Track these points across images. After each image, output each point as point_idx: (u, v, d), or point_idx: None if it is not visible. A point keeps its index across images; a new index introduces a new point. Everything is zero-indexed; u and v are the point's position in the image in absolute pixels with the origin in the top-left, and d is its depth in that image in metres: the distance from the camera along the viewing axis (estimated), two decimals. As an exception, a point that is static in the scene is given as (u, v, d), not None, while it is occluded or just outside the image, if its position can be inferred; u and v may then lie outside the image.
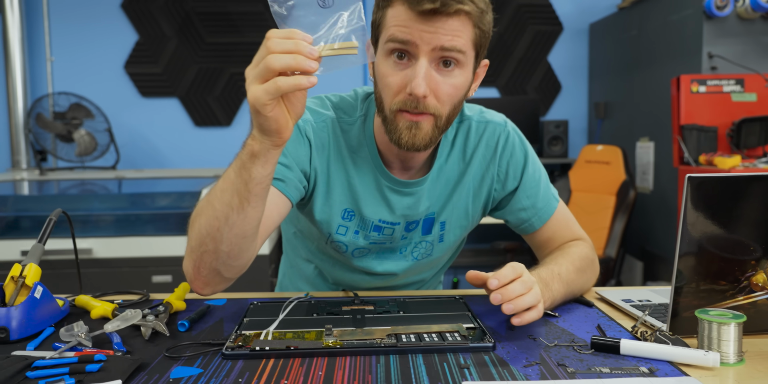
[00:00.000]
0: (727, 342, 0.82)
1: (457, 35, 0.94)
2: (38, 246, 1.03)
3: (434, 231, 1.19)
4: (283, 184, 1.05)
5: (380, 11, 0.99)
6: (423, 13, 0.92)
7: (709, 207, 0.88)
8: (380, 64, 0.99)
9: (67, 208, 1.12)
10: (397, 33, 0.95)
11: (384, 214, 1.14)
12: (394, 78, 0.97)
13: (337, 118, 1.13)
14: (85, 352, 0.84)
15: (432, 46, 0.94)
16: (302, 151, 1.08)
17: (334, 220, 1.14)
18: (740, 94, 2.69)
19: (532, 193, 1.19)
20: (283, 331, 0.94)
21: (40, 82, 3.80)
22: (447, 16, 0.93)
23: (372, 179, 1.12)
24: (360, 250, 1.19)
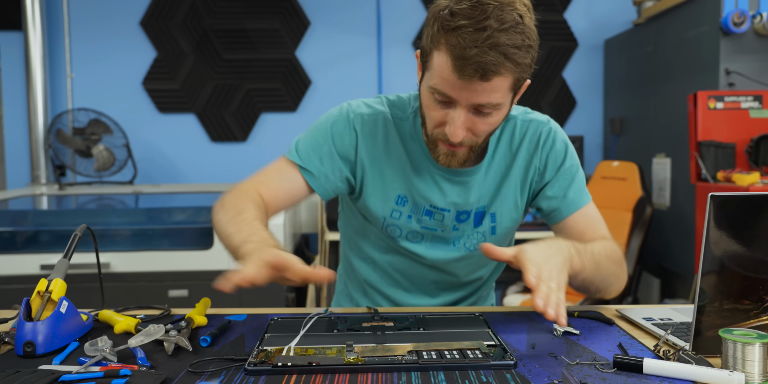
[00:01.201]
0: (751, 362, 0.81)
1: (495, 92, 1.00)
2: (64, 261, 1.04)
3: (485, 222, 1.25)
4: (311, 176, 1.19)
5: (429, 45, 1.02)
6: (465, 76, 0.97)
7: (732, 225, 0.88)
8: (424, 94, 1.08)
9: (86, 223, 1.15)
10: (439, 86, 1.01)
11: (435, 200, 1.21)
12: (436, 113, 1.06)
13: (391, 114, 1.22)
14: (110, 366, 0.85)
15: (470, 103, 1.01)
16: (347, 141, 1.20)
17: (388, 205, 1.23)
18: (758, 110, 2.68)
19: (566, 184, 1.23)
20: (304, 346, 0.94)
21: (60, 99, 3.87)
22: (487, 81, 0.98)
23: (425, 167, 1.21)
24: (413, 233, 1.25)
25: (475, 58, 0.94)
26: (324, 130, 1.21)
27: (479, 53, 0.94)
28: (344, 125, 1.20)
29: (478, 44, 0.94)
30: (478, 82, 0.97)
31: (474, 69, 0.95)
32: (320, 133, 1.21)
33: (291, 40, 3.91)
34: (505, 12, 0.95)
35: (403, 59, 3.97)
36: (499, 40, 0.94)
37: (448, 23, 0.96)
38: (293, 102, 3.93)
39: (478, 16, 0.94)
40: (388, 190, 1.22)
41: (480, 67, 0.95)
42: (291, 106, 3.93)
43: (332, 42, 3.96)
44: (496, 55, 0.94)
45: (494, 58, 0.94)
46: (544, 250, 0.98)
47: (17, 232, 3.10)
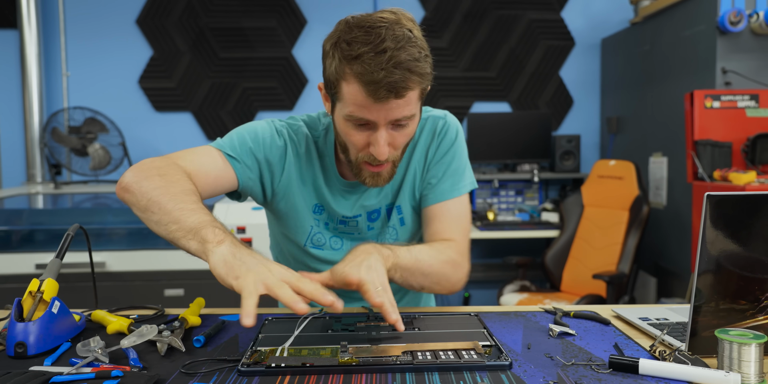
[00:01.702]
0: (747, 363, 0.81)
1: (408, 105, 1.05)
2: (56, 261, 1.04)
3: (393, 216, 1.31)
4: (239, 165, 1.18)
5: (335, 76, 1.05)
6: (379, 98, 1.01)
7: (729, 225, 0.88)
8: (341, 123, 1.11)
9: (81, 222, 1.14)
10: (356, 113, 1.06)
11: (345, 211, 1.28)
12: (357, 138, 1.10)
13: (309, 131, 1.28)
14: (102, 367, 0.84)
15: (389, 119, 1.06)
16: (275, 150, 1.22)
17: (308, 214, 1.28)
18: (755, 109, 2.68)
19: (440, 172, 1.27)
20: (298, 347, 0.94)
21: (55, 97, 3.85)
22: (400, 98, 1.03)
23: (333, 183, 1.27)
24: (334, 239, 1.31)
25: (385, 79, 0.99)
26: (253, 132, 1.22)
27: (387, 75, 0.99)
28: (273, 133, 1.23)
29: (383, 66, 0.99)
30: (393, 101, 1.02)
31: (387, 90, 1.00)
32: (249, 133, 1.21)
33: (288, 39, 3.90)
34: (396, 30, 1.01)
35: (399, 58, 3.96)
36: (400, 57, 0.99)
37: (349, 53, 1.01)
38: (290, 101, 3.92)
39: (374, 40, 1.00)
40: (308, 198, 1.27)
41: (392, 87, 1.00)
42: (288, 105, 3.92)
43: (329, 40, 3.95)
44: (402, 72, 1.00)
45: (401, 75, 1.00)
46: (351, 258, 1.01)
47: (12, 232, 3.09)
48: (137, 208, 1.04)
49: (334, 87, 1.07)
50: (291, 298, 0.84)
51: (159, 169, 1.07)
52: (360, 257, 1.01)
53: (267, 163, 1.22)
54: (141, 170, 1.08)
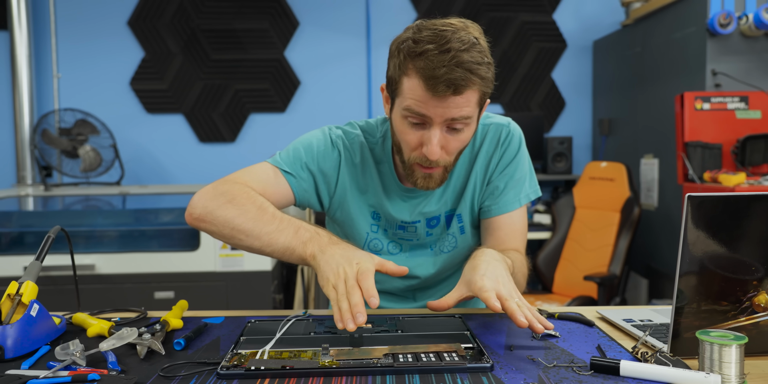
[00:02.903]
0: (728, 364, 0.80)
1: (465, 106, 1.07)
2: (36, 263, 1.03)
3: (453, 224, 1.31)
4: (294, 180, 1.22)
5: (398, 73, 1.09)
6: (437, 92, 1.04)
7: (710, 226, 0.88)
8: (397, 120, 1.13)
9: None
10: (413, 106, 1.07)
11: (404, 216, 1.29)
12: (412, 136, 1.12)
13: (365, 137, 1.29)
14: (79, 371, 0.84)
15: (444, 118, 1.07)
16: (331, 159, 1.26)
17: (366, 220, 1.30)
18: (745, 111, 2.68)
19: (503, 183, 1.28)
20: (279, 350, 0.93)
21: (46, 99, 3.83)
22: (459, 95, 1.05)
23: (392, 189, 1.28)
24: (393, 244, 1.32)
25: (445, 75, 1.02)
26: (308, 145, 1.25)
27: (448, 71, 1.02)
28: (328, 145, 1.26)
29: (445, 64, 1.02)
30: (451, 97, 1.04)
31: (446, 85, 1.02)
32: (304, 146, 1.25)
33: (280, 41, 3.89)
34: (462, 35, 1.04)
35: (392, 60, 3.96)
36: (463, 58, 1.02)
37: (414, 50, 1.05)
38: (282, 102, 3.92)
39: (440, 40, 1.03)
40: (366, 206, 1.29)
41: (451, 83, 1.02)
42: (280, 107, 3.92)
43: (321, 42, 3.95)
44: (462, 72, 1.02)
45: (462, 74, 1.02)
46: (487, 269, 1.03)
47: (1, 234, 3.08)
48: (221, 236, 1.10)
49: (395, 83, 1.10)
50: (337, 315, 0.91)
51: (226, 195, 1.11)
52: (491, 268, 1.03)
53: (322, 174, 1.25)
54: (210, 198, 1.11)
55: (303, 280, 3.27)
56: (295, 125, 3.93)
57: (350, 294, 0.92)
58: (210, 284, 2.78)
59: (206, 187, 1.15)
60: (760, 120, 2.69)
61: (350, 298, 0.91)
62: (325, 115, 3.92)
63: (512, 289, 1.00)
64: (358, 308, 0.90)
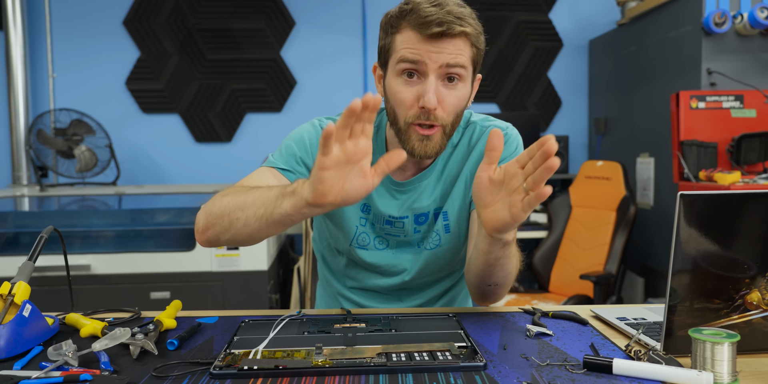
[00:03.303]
0: (720, 362, 0.80)
1: (459, 53, 1.09)
2: (28, 264, 1.02)
3: (438, 221, 1.28)
4: (293, 176, 1.20)
5: (389, 37, 1.14)
6: (430, 36, 1.07)
7: (703, 224, 0.88)
8: (391, 82, 1.14)
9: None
10: (407, 54, 1.09)
11: (392, 211, 1.27)
12: (407, 94, 1.11)
13: None
14: (71, 371, 0.84)
15: (439, 64, 1.08)
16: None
17: (356, 213, 1.28)
18: (740, 110, 2.69)
19: None
20: (272, 349, 0.93)
21: (41, 99, 3.83)
22: (451, 38, 1.07)
23: (384, 181, 1.25)
24: (380, 239, 1.30)
25: (437, 18, 1.05)
26: (299, 139, 1.24)
27: (439, 16, 1.05)
28: (318, 135, 1.23)
29: (435, 12, 1.06)
30: (445, 40, 1.07)
31: (437, 24, 1.05)
32: (295, 141, 1.24)
33: (276, 40, 3.89)
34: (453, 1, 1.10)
35: (388, 59, 3.96)
36: (454, 9, 1.07)
37: (404, 9, 1.10)
38: (278, 102, 3.91)
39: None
40: None
41: (443, 22, 1.05)
42: (276, 107, 3.91)
43: (317, 42, 3.95)
44: (453, 18, 1.06)
45: (453, 19, 1.06)
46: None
47: (-3, 234, 3.07)
48: (224, 230, 1.03)
49: (387, 48, 1.14)
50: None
51: (221, 194, 1.09)
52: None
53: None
54: (207, 206, 1.08)
55: (299, 279, 3.27)
56: (292, 125, 3.91)
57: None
58: (206, 284, 2.78)
59: (204, 204, 1.13)
60: (755, 119, 2.69)
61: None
62: (321, 114, 3.86)
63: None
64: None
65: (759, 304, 0.90)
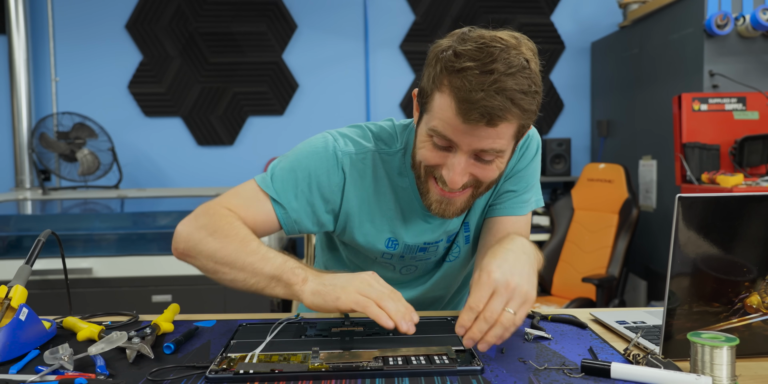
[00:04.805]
0: (719, 366, 0.80)
1: (499, 138, 0.95)
2: (25, 267, 1.02)
3: (460, 234, 1.23)
4: (282, 211, 1.10)
5: (431, 86, 0.97)
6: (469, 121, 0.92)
7: (702, 227, 0.87)
8: (422, 136, 1.01)
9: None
10: (440, 128, 0.95)
11: (428, 237, 1.18)
12: (433, 155, 1.00)
13: (377, 150, 1.14)
14: (66, 375, 0.83)
15: (473, 148, 0.96)
16: (334, 182, 1.11)
17: (378, 248, 1.18)
18: (742, 112, 2.68)
19: (519, 189, 1.19)
20: (269, 353, 0.93)
21: (44, 102, 3.84)
22: (493, 126, 0.93)
23: (413, 207, 1.15)
24: (407, 268, 1.24)
25: (482, 101, 0.89)
26: (306, 166, 1.10)
27: (485, 97, 0.89)
28: (331, 165, 1.10)
29: (484, 88, 0.89)
30: (483, 128, 0.92)
31: (480, 114, 0.90)
32: (301, 167, 1.10)
33: (278, 44, 3.89)
34: (512, 55, 0.91)
35: (390, 62, 3.96)
36: (506, 84, 0.89)
37: (453, 64, 0.91)
38: (280, 105, 3.92)
39: (485, 58, 0.90)
40: (378, 233, 1.16)
41: (486, 112, 0.90)
42: (278, 110, 3.92)
43: (319, 45, 3.95)
44: (502, 100, 0.89)
45: (501, 103, 0.89)
46: (505, 258, 0.94)
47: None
48: (205, 270, 1.04)
49: (427, 96, 0.97)
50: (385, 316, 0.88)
51: (207, 227, 1.04)
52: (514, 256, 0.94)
53: (323, 200, 1.11)
54: (192, 231, 1.05)
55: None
56: (294, 128, 3.93)
57: (393, 299, 0.89)
58: (208, 288, 2.78)
59: (189, 217, 1.07)
60: (757, 121, 2.68)
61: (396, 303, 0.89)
62: (323, 117, 3.92)
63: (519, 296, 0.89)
64: (411, 310, 0.89)
65: (759, 307, 0.90)
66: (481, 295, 0.89)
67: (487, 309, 0.88)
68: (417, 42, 3.94)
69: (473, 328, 0.88)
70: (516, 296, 0.89)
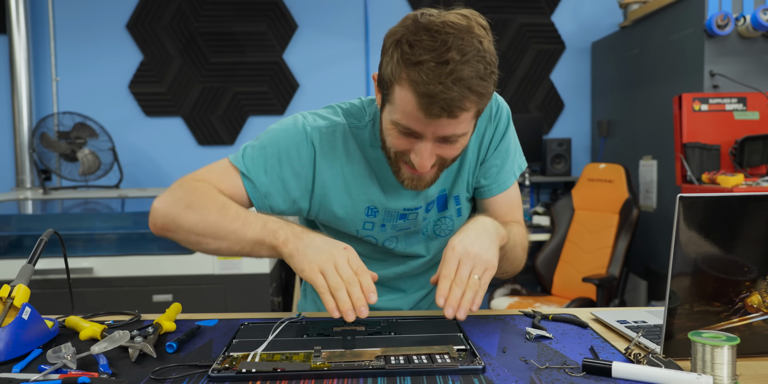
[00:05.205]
0: (720, 365, 0.80)
1: (461, 123, 0.98)
2: (28, 267, 1.03)
3: (450, 206, 1.24)
4: (252, 187, 1.12)
5: (390, 77, 0.98)
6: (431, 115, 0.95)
7: (702, 227, 0.87)
8: (387, 124, 1.04)
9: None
10: (403, 121, 0.99)
11: (407, 203, 1.19)
12: (400, 142, 1.03)
13: (348, 124, 1.17)
14: (69, 374, 0.84)
15: (436, 135, 0.99)
16: (304, 156, 1.14)
17: (358, 218, 1.19)
18: (743, 112, 2.68)
19: (500, 162, 1.23)
20: (271, 352, 0.93)
21: (45, 102, 3.84)
22: (453, 118, 0.96)
23: (389, 175, 1.16)
24: (390, 239, 1.24)
25: (441, 95, 0.91)
26: (275, 142, 1.13)
27: (444, 90, 0.91)
28: (300, 139, 1.13)
29: (441, 79, 0.90)
30: (445, 119, 0.95)
31: (441, 107, 0.92)
32: (271, 143, 1.13)
33: (278, 43, 3.90)
34: (465, 41, 0.92)
35: (390, 62, 3.96)
36: (463, 73, 0.91)
37: (409, 57, 0.93)
38: (281, 105, 3.92)
39: (439, 48, 0.91)
40: (356, 203, 1.18)
41: (446, 105, 0.92)
42: (279, 110, 3.92)
43: (320, 45, 3.95)
44: (460, 90, 0.91)
45: (459, 93, 0.92)
46: (466, 234, 1.00)
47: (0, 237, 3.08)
48: (187, 243, 1.07)
49: (387, 87, 1.00)
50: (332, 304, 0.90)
51: (184, 199, 1.06)
52: (475, 233, 1.01)
53: (294, 175, 1.14)
54: (169, 205, 1.06)
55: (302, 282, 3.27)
56: (294, 128, 3.92)
57: (350, 284, 0.90)
58: (208, 287, 2.78)
59: (164, 193, 1.09)
60: (758, 121, 2.68)
61: (351, 291, 0.90)
62: (323, 117, 3.91)
63: (481, 263, 0.97)
64: (362, 301, 0.89)
65: (759, 306, 0.90)
66: (450, 266, 0.96)
67: (456, 276, 0.96)
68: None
69: (450, 296, 0.94)
70: (478, 263, 0.97)
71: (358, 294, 0.90)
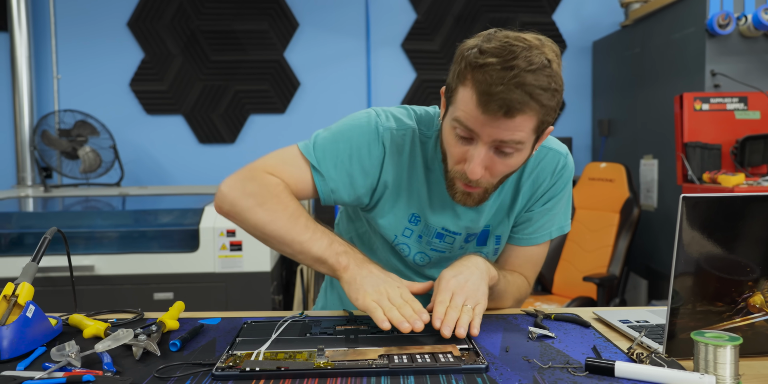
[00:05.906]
0: (723, 365, 0.80)
1: (519, 130, 0.98)
2: (32, 265, 1.03)
3: (489, 243, 1.26)
4: (321, 179, 1.14)
5: (455, 81, 1.01)
6: (489, 111, 0.96)
7: (705, 227, 0.88)
8: (446, 130, 1.07)
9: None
10: (462, 118, 1.00)
11: (448, 223, 1.21)
12: (456, 149, 1.05)
13: (418, 130, 1.19)
14: (74, 372, 0.84)
15: (492, 138, 1.00)
16: (374, 155, 1.15)
17: (400, 223, 1.21)
18: (744, 111, 2.68)
19: (539, 217, 1.24)
20: (274, 351, 0.93)
21: (46, 100, 3.84)
22: (511, 118, 0.96)
23: (442, 190, 1.17)
24: (421, 255, 1.25)
25: (500, 94, 0.93)
26: (348, 138, 1.15)
27: (504, 90, 0.93)
28: (372, 138, 1.15)
29: (504, 82, 0.93)
30: (502, 119, 0.96)
31: (498, 105, 0.94)
32: (344, 139, 1.15)
33: (279, 42, 3.90)
34: (534, 54, 0.95)
35: (391, 61, 3.97)
36: (526, 79, 0.93)
37: (476, 60, 0.96)
38: (282, 103, 3.92)
39: (507, 55, 0.94)
40: (404, 207, 1.20)
41: (504, 104, 0.94)
42: (280, 108, 3.92)
43: (321, 43, 3.95)
44: (521, 94, 0.94)
45: (519, 97, 0.94)
46: (460, 271, 1.06)
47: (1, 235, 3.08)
48: (250, 233, 1.11)
49: (452, 90, 1.02)
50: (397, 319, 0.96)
51: (256, 196, 1.08)
52: (469, 271, 1.07)
53: (362, 172, 1.15)
54: (239, 197, 1.09)
55: (302, 281, 3.28)
56: (295, 126, 3.93)
57: (402, 307, 0.98)
58: (209, 285, 2.78)
59: (235, 179, 1.11)
60: (759, 120, 2.69)
61: (403, 311, 0.97)
62: (324, 116, 3.92)
63: (472, 299, 1.02)
64: (414, 317, 0.96)
65: (762, 306, 0.90)
66: (445, 295, 1.02)
67: (451, 303, 1.01)
68: (418, 40, 3.95)
69: (446, 318, 0.98)
70: (470, 298, 1.03)
71: (410, 312, 0.96)
